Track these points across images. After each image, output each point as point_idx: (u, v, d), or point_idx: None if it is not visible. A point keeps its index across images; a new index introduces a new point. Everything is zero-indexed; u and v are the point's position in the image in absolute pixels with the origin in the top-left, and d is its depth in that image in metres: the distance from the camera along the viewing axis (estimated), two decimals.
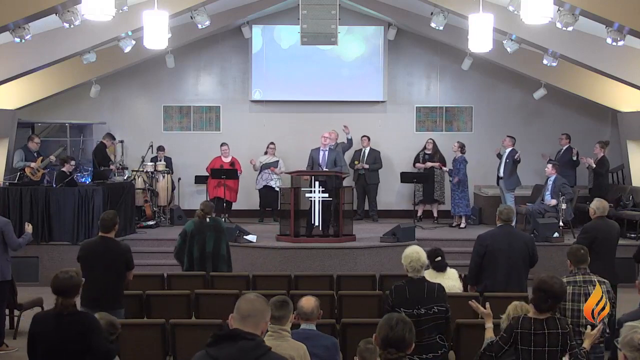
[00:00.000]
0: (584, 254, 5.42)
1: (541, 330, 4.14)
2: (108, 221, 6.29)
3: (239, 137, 13.79)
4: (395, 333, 3.31)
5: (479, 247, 6.82)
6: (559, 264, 9.28)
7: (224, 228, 7.95)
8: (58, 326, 4.26)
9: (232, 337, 2.96)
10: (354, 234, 10.77)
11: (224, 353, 2.92)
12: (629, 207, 11.47)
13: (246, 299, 3.09)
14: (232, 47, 14.10)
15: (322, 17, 9.29)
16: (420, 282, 5.05)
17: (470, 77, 13.88)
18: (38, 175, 11.31)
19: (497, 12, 9.51)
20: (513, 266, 6.61)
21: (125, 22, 10.02)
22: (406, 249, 5.22)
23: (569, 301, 5.23)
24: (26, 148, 11.67)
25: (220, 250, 7.80)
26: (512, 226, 6.98)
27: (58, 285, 4.37)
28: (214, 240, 7.77)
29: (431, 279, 5.86)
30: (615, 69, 10.51)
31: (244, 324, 3.00)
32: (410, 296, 4.95)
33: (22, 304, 7.86)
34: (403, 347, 3.32)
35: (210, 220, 7.82)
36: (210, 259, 7.74)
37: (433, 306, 4.93)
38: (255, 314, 3.03)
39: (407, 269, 5.10)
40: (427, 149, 13.20)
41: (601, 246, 7.13)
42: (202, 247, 7.74)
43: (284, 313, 4.21)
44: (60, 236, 10.48)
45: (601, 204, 7.31)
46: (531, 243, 6.88)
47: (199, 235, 7.76)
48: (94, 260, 6.16)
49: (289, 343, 4.15)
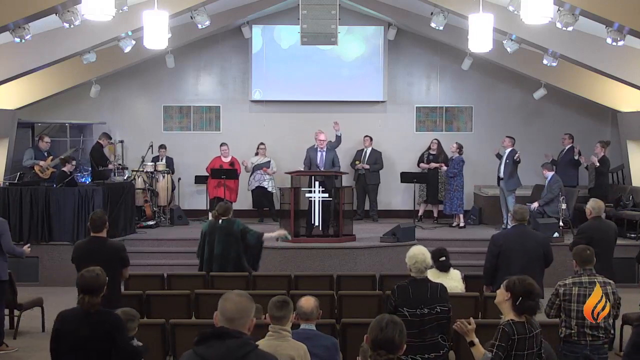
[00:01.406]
0: (589, 254, 5.38)
1: (531, 332, 4.10)
2: (97, 220, 6.27)
3: (238, 137, 13.79)
4: (385, 334, 3.27)
5: (493, 247, 6.80)
6: (559, 264, 9.29)
7: (237, 231, 7.75)
8: (85, 324, 4.26)
9: (219, 335, 2.96)
10: (354, 234, 10.78)
11: (211, 352, 2.92)
12: (629, 207, 11.46)
13: (230, 300, 3.05)
14: (232, 47, 14.10)
15: (322, 17, 9.29)
16: (423, 282, 5.05)
17: (470, 77, 13.88)
18: (47, 174, 11.36)
19: (497, 12, 9.51)
20: (527, 266, 6.52)
21: (125, 22, 10.03)
22: (411, 249, 5.19)
23: (574, 302, 5.22)
24: (36, 147, 11.78)
25: (228, 253, 7.70)
26: (527, 226, 6.95)
27: (85, 283, 4.37)
28: (223, 243, 7.71)
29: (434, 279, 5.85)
30: (615, 69, 10.51)
31: (230, 324, 2.99)
32: (414, 296, 4.95)
33: (22, 304, 7.85)
34: (393, 349, 3.27)
35: (223, 222, 7.77)
36: (217, 261, 7.68)
37: (436, 306, 4.93)
38: (241, 316, 3.02)
39: (410, 268, 5.09)
40: (432, 149, 13.19)
41: (597, 246, 7.09)
42: (211, 249, 7.72)
43: (284, 313, 4.21)
44: (60, 236, 10.46)
45: (597, 204, 7.30)
46: (546, 243, 6.84)
47: (210, 236, 7.74)
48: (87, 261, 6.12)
49: (290, 343, 4.15)
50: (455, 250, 10.31)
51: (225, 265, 7.70)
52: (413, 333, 4.80)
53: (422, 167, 13.18)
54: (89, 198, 10.50)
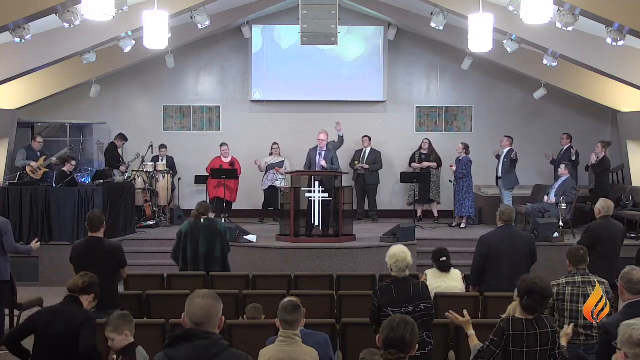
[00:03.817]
0: (583, 254, 5.41)
1: (533, 330, 4.12)
2: (95, 220, 6.28)
3: (238, 137, 13.79)
4: (396, 334, 3.32)
5: (482, 248, 6.82)
6: (559, 264, 9.27)
7: (220, 229, 7.84)
8: (57, 321, 4.36)
9: (188, 337, 2.95)
10: (354, 234, 10.77)
11: (180, 354, 2.92)
12: (629, 207, 11.47)
13: (195, 305, 3.00)
14: (232, 47, 14.10)
15: (322, 17, 9.29)
16: (405, 281, 4.99)
17: (470, 77, 13.88)
18: (39, 174, 11.33)
19: (497, 12, 9.51)
20: (515, 266, 6.61)
21: (125, 22, 10.02)
22: (391, 248, 5.13)
23: (567, 302, 5.23)
24: (29, 148, 11.73)
25: (213, 252, 7.74)
26: (514, 226, 6.99)
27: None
28: (207, 241, 7.73)
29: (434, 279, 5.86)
30: (615, 69, 10.51)
31: (199, 327, 2.98)
32: (397, 295, 4.90)
33: (22, 304, 7.84)
34: (404, 348, 3.33)
35: (205, 220, 7.79)
36: (202, 260, 7.71)
37: (420, 303, 4.89)
38: (209, 320, 3.00)
39: (391, 268, 5.03)
40: (423, 148, 13.19)
41: (604, 245, 7.15)
42: (195, 248, 7.72)
43: (296, 317, 4.13)
44: (60, 236, 10.46)
45: (606, 203, 7.36)
46: (532, 243, 6.91)
47: (192, 235, 7.75)
48: (85, 261, 6.14)
49: (302, 348, 4.10)
50: (455, 250, 10.28)
51: (211, 265, 7.71)
52: None
53: (414, 167, 13.16)
54: (89, 198, 10.49)
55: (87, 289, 4.80)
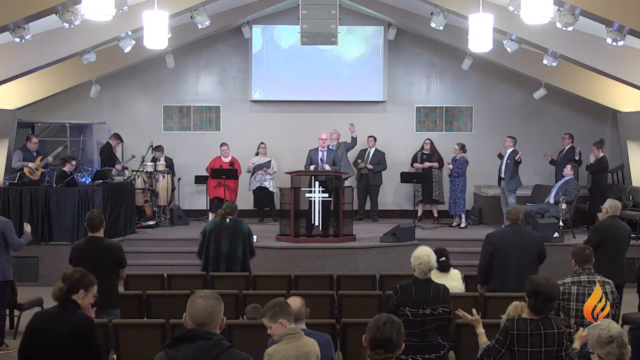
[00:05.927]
0: (588, 254, 5.40)
1: (537, 330, 4.14)
2: (95, 220, 6.26)
3: (239, 137, 13.78)
4: (383, 334, 3.27)
5: (488, 246, 6.82)
6: (559, 264, 9.30)
7: (244, 230, 7.75)
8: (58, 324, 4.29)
9: (190, 337, 2.96)
10: (354, 234, 10.77)
11: (182, 354, 2.93)
12: (629, 207, 11.46)
13: (197, 306, 3.02)
14: (232, 47, 14.10)
15: (322, 17, 9.30)
16: (426, 283, 5.04)
17: (470, 77, 13.88)
18: (37, 175, 11.32)
19: (497, 12, 9.51)
20: (522, 265, 6.60)
21: (125, 22, 10.02)
22: (417, 249, 5.16)
23: (573, 301, 5.23)
24: (25, 148, 11.69)
25: (235, 253, 7.67)
26: (521, 225, 6.99)
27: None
28: (230, 242, 7.68)
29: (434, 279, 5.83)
30: (615, 69, 10.51)
31: (200, 328, 2.99)
32: (416, 296, 4.94)
33: (22, 304, 7.85)
34: (391, 348, 3.28)
35: (229, 221, 7.75)
36: (224, 260, 7.64)
37: (438, 307, 4.93)
38: (211, 320, 3.01)
39: (414, 269, 5.08)
40: (425, 149, 13.18)
41: (610, 245, 7.16)
42: (218, 248, 7.67)
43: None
44: (60, 236, 10.46)
45: (613, 203, 7.40)
46: (540, 242, 6.92)
47: (215, 235, 7.69)
48: (85, 261, 6.11)
49: (306, 339, 4.18)
50: (455, 250, 10.30)
51: (232, 265, 7.66)
52: (414, 333, 4.80)
53: (415, 167, 13.16)
54: (89, 198, 10.49)
55: (72, 288, 4.52)
